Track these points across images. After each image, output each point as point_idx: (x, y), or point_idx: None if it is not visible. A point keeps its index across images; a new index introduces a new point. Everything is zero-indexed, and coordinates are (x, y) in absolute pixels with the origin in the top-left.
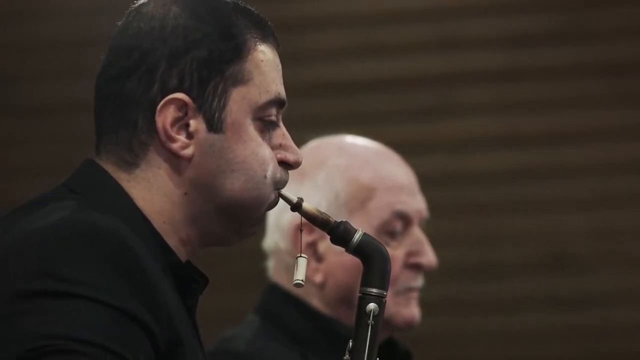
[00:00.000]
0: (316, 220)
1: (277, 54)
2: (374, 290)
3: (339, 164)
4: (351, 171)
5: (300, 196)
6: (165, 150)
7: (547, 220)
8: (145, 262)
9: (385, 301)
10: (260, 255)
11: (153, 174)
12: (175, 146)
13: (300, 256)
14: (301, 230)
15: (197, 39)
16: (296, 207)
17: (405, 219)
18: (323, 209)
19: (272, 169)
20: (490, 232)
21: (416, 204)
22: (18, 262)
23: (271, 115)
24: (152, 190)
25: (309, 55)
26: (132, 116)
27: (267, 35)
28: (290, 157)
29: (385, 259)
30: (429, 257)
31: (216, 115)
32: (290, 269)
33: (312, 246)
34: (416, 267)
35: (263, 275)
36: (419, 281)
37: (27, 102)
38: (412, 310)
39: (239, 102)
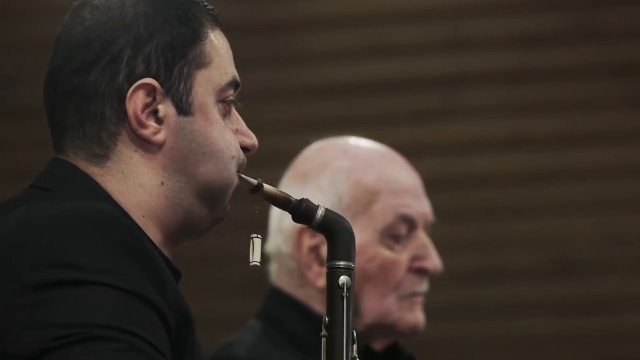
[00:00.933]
0: (277, 200)
1: (225, 37)
2: (342, 263)
3: (343, 166)
4: (355, 174)
5: (261, 179)
6: (136, 138)
7: (555, 224)
8: (148, 245)
9: (354, 273)
10: (263, 260)
11: (126, 164)
12: (146, 132)
13: (256, 237)
14: (258, 211)
15: (159, 24)
16: (257, 189)
17: (409, 222)
18: None
19: (237, 151)
20: (496, 236)
21: (421, 207)
22: (20, 254)
23: (230, 99)
24: (127, 182)
25: (313, 55)
26: (98, 108)
27: (216, 19)
28: (248, 141)
29: (348, 232)
30: (434, 261)
31: (184, 98)
32: (293, 273)
33: (315, 250)
34: (421, 272)
35: (265, 279)
36: (423, 286)
37: (20, 103)
38: (417, 316)
39: (203, 85)
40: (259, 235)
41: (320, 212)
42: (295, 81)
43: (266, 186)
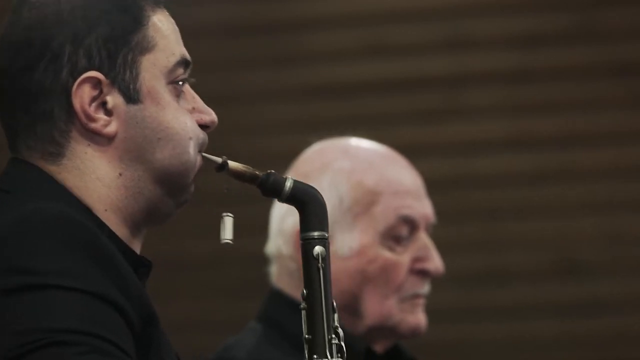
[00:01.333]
0: (244, 177)
1: (170, 17)
2: (316, 233)
3: (344, 167)
4: (356, 175)
5: (225, 156)
6: (88, 132)
7: (557, 225)
8: (106, 243)
9: (329, 242)
10: (262, 261)
11: (81, 160)
12: (97, 126)
13: (227, 215)
14: (226, 190)
15: (97, 15)
16: (222, 166)
17: (411, 224)
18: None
19: (195, 131)
20: (498, 237)
21: (423, 208)
22: None
23: (181, 79)
24: (85, 177)
25: (313, 56)
26: (46, 107)
27: (157, 1)
28: (206, 118)
29: (319, 201)
30: (435, 263)
31: (131, 86)
32: (294, 274)
33: None
34: (422, 273)
35: (265, 281)
36: (425, 287)
37: None
38: (418, 317)
39: (150, 70)
40: (231, 214)
41: (288, 184)
42: (296, 81)
43: (231, 163)
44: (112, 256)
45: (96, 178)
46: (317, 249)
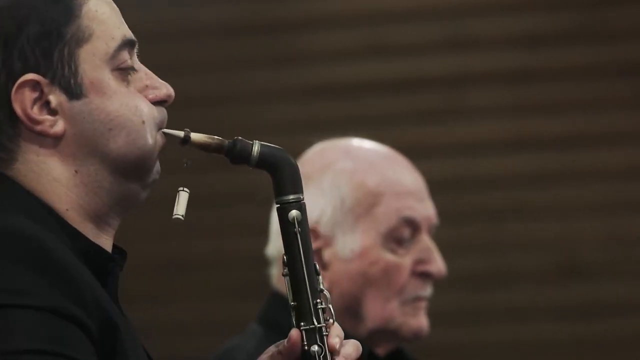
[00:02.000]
0: (210, 147)
1: None
2: (291, 196)
3: (345, 168)
4: (357, 176)
5: (188, 129)
6: (35, 135)
7: (561, 227)
8: (59, 253)
9: (305, 204)
10: (263, 263)
11: (35, 163)
12: (42, 127)
13: (182, 190)
14: (186, 164)
15: (25, 14)
16: (185, 140)
17: (413, 225)
18: (328, 215)
19: (147, 113)
20: (501, 239)
21: (425, 209)
22: None
23: (126, 61)
24: (42, 180)
25: (315, 56)
26: None
27: None
28: (160, 92)
29: (290, 163)
30: (438, 265)
31: (72, 81)
32: None
33: (317, 254)
34: (424, 276)
35: (266, 283)
36: (427, 290)
37: None
38: (420, 320)
39: (89, 61)
40: (186, 189)
41: (256, 148)
42: (296, 81)
43: (194, 135)
44: (65, 267)
45: (53, 179)
46: (293, 212)
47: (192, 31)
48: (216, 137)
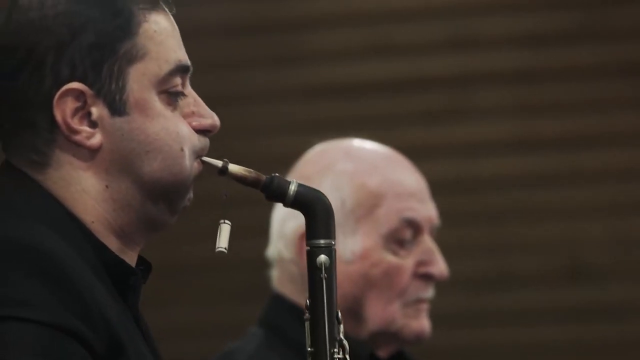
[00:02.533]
0: (246, 181)
1: (171, 19)
2: (322, 241)
3: (346, 169)
4: (358, 177)
5: (226, 159)
6: (71, 144)
7: (564, 228)
8: (73, 269)
9: (335, 250)
10: (264, 265)
11: (66, 171)
12: (79, 138)
13: (224, 222)
14: (225, 196)
15: (82, 23)
16: (222, 171)
17: (415, 226)
18: None
19: (188, 141)
20: (504, 241)
21: (426, 211)
22: None
23: (176, 86)
24: (71, 188)
25: (315, 55)
26: (29, 116)
27: (157, 1)
28: (205, 122)
29: (327, 207)
30: (439, 266)
31: (117, 97)
32: (295, 279)
33: None
34: (426, 277)
35: (266, 285)
36: (429, 292)
37: None
38: (422, 323)
39: (138, 80)
40: (228, 222)
41: (293, 187)
42: (297, 82)
43: (232, 166)
44: (76, 284)
45: (82, 190)
46: (322, 258)
47: (192, 31)
48: (254, 171)
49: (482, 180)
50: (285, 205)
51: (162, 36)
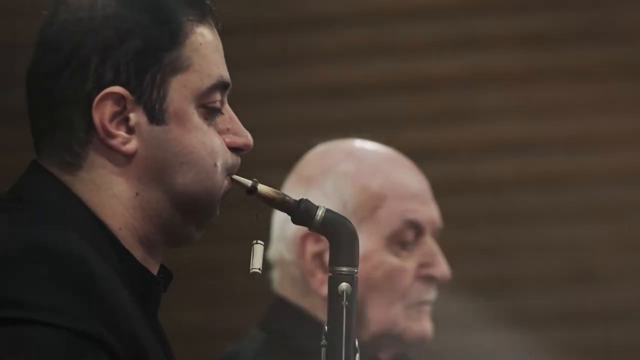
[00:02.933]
0: (274, 202)
1: (217, 34)
2: (344, 268)
3: (348, 170)
4: (360, 178)
5: (255, 179)
6: (106, 147)
7: (571, 231)
8: (102, 276)
9: (357, 278)
10: (265, 267)
11: (98, 174)
12: (115, 142)
13: (257, 243)
14: (256, 216)
15: (130, 27)
16: (251, 190)
17: (417, 228)
18: None
19: (222, 157)
20: (508, 244)
21: (429, 212)
22: None
23: (215, 101)
24: (100, 192)
25: (317, 55)
26: (67, 115)
27: (205, 15)
28: (239, 140)
29: (352, 234)
30: (442, 269)
31: (157, 106)
32: (297, 281)
33: (319, 257)
34: (428, 280)
35: (267, 288)
36: (431, 294)
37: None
38: (424, 325)
39: (180, 91)
40: (261, 242)
41: (320, 213)
42: (298, 82)
43: (261, 187)
44: (103, 290)
45: (112, 195)
46: (343, 285)
47: None
48: (282, 192)
49: (486, 182)
50: (311, 229)
51: (207, 50)
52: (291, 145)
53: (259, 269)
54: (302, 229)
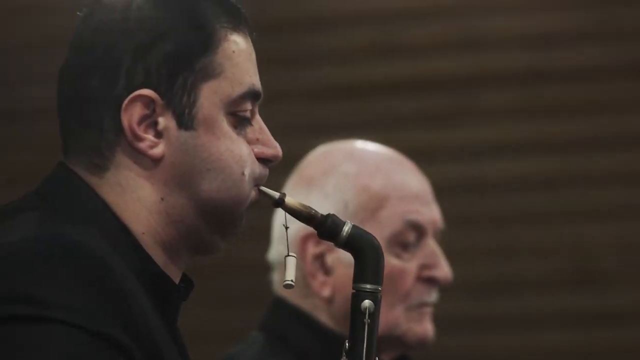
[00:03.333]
0: (301, 216)
1: (250, 43)
2: (368, 286)
3: (349, 171)
4: (362, 179)
5: (284, 192)
6: (133, 150)
7: (573, 232)
8: (120, 277)
9: (381, 297)
10: (265, 268)
11: (124, 177)
12: (142, 145)
13: (289, 255)
14: (286, 228)
15: (163, 31)
16: (278, 203)
17: (418, 229)
18: None
19: (250, 166)
20: (510, 244)
21: (430, 214)
22: None
23: (246, 110)
24: (126, 195)
25: (318, 56)
26: (97, 116)
27: (240, 23)
28: (268, 151)
29: (377, 252)
30: (443, 270)
31: (186, 111)
32: (297, 282)
33: (320, 258)
34: (430, 281)
35: (268, 289)
36: (432, 296)
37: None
38: (425, 327)
39: (210, 97)
40: (293, 254)
41: (346, 229)
42: (299, 82)
43: (288, 200)
44: (126, 294)
45: (137, 198)
46: (367, 302)
47: None
48: (310, 207)
49: (488, 183)
50: (337, 245)
51: (240, 58)
52: (292, 145)
53: (292, 281)
54: (303, 230)
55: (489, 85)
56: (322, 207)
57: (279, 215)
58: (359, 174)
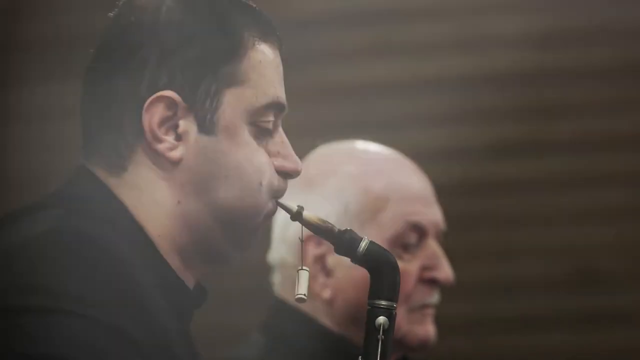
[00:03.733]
0: (318, 230)
1: (278, 55)
2: (383, 302)
3: (350, 172)
4: (362, 180)
5: (301, 205)
6: (152, 152)
7: (575, 233)
8: (138, 275)
9: (396, 314)
10: (265, 270)
11: (142, 178)
12: (161, 147)
13: (302, 268)
14: (301, 240)
15: (191, 35)
16: (296, 216)
17: (420, 231)
18: (332, 220)
19: (268, 177)
20: (512, 246)
21: (432, 215)
22: (3, 275)
23: (268, 121)
24: (143, 197)
25: (318, 56)
26: (118, 116)
27: (268, 33)
28: (288, 165)
29: (394, 269)
30: (445, 271)
31: (208, 116)
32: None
33: (320, 260)
34: (431, 283)
35: (268, 290)
36: (434, 297)
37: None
38: (427, 328)
39: (233, 105)
40: (306, 268)
41: (363, 245)
42: (300, 82)
43: (306, 214)
44: (141, 290)
45: (154, 200)
46: (381, 319)
47: None
48: (328, 221)
49: (489, 184)
50: (353, 260)
51: (266, 68)
52: (293, 146)
53: (305, 294)
54: (303, 231)
55: (491, 85)
56: (323, 208)
57: (279, 215)
58: (360, 175)
